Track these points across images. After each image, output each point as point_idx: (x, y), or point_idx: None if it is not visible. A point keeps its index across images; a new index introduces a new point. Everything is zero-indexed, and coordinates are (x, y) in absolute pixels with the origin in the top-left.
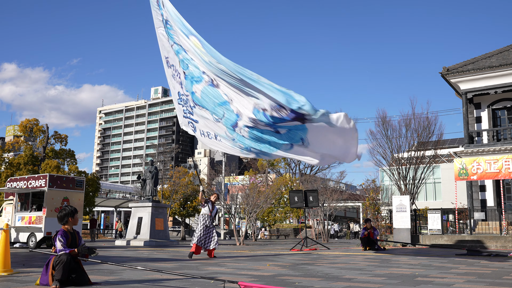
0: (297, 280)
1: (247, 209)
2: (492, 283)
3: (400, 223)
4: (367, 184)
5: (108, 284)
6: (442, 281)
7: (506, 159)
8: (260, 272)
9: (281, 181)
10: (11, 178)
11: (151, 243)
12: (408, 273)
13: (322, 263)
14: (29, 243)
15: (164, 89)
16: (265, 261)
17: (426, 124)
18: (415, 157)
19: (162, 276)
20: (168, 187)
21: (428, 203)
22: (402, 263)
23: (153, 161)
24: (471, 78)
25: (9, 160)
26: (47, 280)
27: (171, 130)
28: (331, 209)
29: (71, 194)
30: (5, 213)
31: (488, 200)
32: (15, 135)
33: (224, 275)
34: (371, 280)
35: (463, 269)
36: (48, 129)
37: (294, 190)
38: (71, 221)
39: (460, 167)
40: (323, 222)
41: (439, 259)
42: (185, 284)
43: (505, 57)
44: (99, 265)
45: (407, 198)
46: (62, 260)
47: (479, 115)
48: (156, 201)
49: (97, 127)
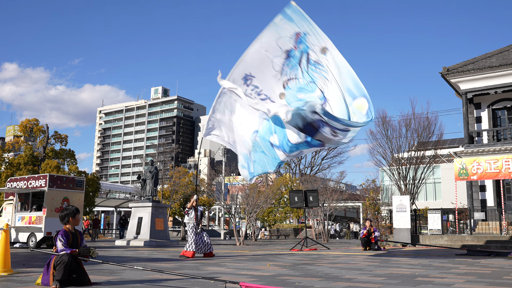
0: (297, 280)
1: (247, 209)
2: (492, 283)
3: (400, 223)
4: (367, 184)
5: (108, 284)
6: (442, 281)
7: (506, 159)
8: (260, 272)
9: (281, 181)
10: (11, 178)
11: (151, 243)
12: (408, 273)
13: (322, 263)
14: (29, 243)
15: (164, 89)
16: (265, 261)
17: (426, 124)
18: (415, 157)
19: (162, 276)
20: (168, 187)
21: (428, 203)
22: (402, 263)
23: (153, 161)
24: (471, 78)
25: (9, 160)
26: (48, 280)
27: (171, 130)
28: (331, 209)
29: (71, 194)
30: (5, 213)
31: (488, 200)
32: (15, 135)
33: (224, 275)
34: (371, 280)
35: (463, 269)
36: (48, 129)
37: (294, 190)
38: (72, 221)
39: (460, 167)
40: (323, 222)
41: (439, 259)
42: (185, 284)
43: (505, 57)
44: (100, 265)
45: (407, 198)
46: (63, 260)
47: (479, 115)
48: (156, 201)
49: (97, 127)
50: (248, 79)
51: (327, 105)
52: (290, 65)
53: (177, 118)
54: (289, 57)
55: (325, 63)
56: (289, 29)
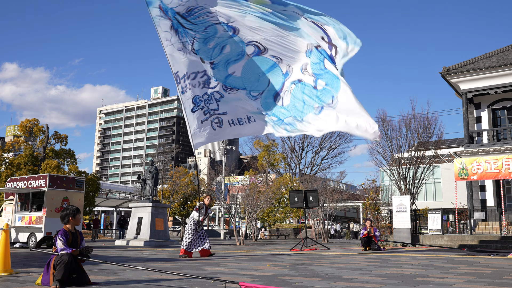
0: (297, 280)
1: (247, 209)
2: (492, 283)
3: (400, 223)
4: (367, 184)
5: (108, 284)
6: (442, 281)
7: (506, 159)
8: (260, 272)
9: (281, 181)
10: (11, 178)
11: (151, 243)
12: (408, 273)
13: (322, 263)
14: (29, 243)
15: (164, 89)
16: (265, 261)
17: (426, 124)
18: (415, 157)
19: (162, 276)
20: (168, 187)
21: (428, 203)
22: (402, 263)
23: (153, 161)
24: (471, 78)
25: (9, 160)
26: (48, 280)
27: (171, 130)
28: (331, 209)
29: (71, 194)
30: (5, 213)
31: (488, 200)
32: (15, 135)
33: (224, 275)
34: (371, 280)
35: (463, 269)
36: (48, 129)
37: (294, 190)
38: (72, 221)
39: (460, 167)
40: (323, 222)
41: (439, 259)
42: (185, 284)
43: (505, 57)
44: (100, 265)
45: (407, 198)
46: (63, 260)
47: (479, 115)
48: (156, 201)
49: (97, 127)
50: (176, 77)
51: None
52: (180, 34)
53: (177, 118)
54: (174, 29)
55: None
56: (156, 10)
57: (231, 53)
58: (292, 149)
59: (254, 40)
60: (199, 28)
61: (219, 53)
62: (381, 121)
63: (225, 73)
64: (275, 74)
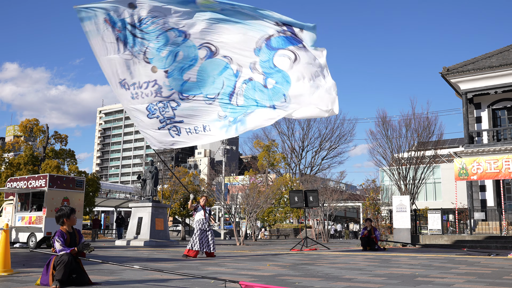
0: (297, 280)
1: (247, 209)
2: (492, 283)
3: (400, 223)
4: (367, 184)
5: (108, 284)
6: (442, 281)
7: (506, 159)
8: (260, 272)
9: (281, 181)
10: (11, 178)
11: (151, 243)
12: (408, 273)
13: (322, 263)
14: (29, 243)
15: None
16: (265, 261)
17: (426, 124)
18: (415, 157)
19: (162, 276)
20: (168, 187)
21: (428, 203)
22: (402, 263)
23: (153, 161)
24: (471, 78)
25: (9, 160)
26: (47, 280)
27: None
28: (331, 209)
29: (71, 194)
30: (5, 213)
31: (488, 200)
32: (15, 135)
33: (224, 275)
34: (371, 280)
35: (463, 269)
36: (48, 129)
37: (294, 190)
38: (67, 222)
39: (460, 167)
40: (323, 222)
41: (439, 259)
42: (186, 284)
43: (505, 57)
44: (99, 265)
45: (407, 198)
46: (63, 260)
47: (479, 115)
48: (156, 201)
49: (97, 127)
50: (124, 84)
51: None
52: (129, 44)
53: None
54: (122, 41)
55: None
56: (97, 25)
57: (184, 60)
58: (292, 149)
59: (205, 42)
60: (151, 37)
61: (172, 61)
62: (381, 121)
63: (180, 80)
64: (228, 75)
